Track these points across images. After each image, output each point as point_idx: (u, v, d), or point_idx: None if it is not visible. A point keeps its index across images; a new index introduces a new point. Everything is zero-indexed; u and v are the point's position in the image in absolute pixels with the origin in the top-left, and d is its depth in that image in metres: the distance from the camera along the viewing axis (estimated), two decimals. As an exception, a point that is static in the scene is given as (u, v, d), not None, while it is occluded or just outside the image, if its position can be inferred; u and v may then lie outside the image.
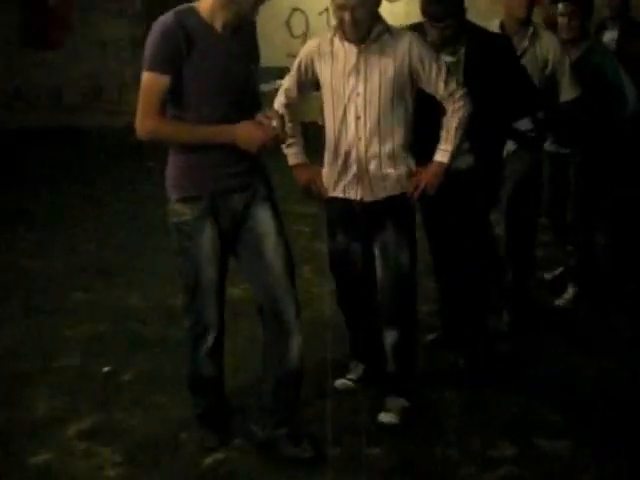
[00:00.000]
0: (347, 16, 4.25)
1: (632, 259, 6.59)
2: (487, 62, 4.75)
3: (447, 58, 4.70)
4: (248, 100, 4.07)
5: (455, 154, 4.54)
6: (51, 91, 13.21)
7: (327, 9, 11.87)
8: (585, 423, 4.61)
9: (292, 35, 12.05)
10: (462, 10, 4.78)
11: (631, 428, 4.55)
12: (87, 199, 9.17)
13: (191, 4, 3.94)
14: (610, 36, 6.00)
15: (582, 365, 5.25)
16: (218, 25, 3.91)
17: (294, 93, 4.67)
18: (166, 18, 3.85)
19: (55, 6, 13.32)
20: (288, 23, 12.22)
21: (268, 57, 6.99)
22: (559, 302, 6.18)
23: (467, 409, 4.77)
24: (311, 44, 4.61)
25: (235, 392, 4.76)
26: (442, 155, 4.53)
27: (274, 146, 4.01)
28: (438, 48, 4.67)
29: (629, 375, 5.11)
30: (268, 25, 11.83)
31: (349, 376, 5.00)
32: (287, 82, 4.68)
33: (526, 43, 5.36)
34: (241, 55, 4.01)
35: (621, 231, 6.47)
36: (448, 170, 4.55)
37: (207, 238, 4.07)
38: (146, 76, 3.87)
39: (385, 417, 4.64)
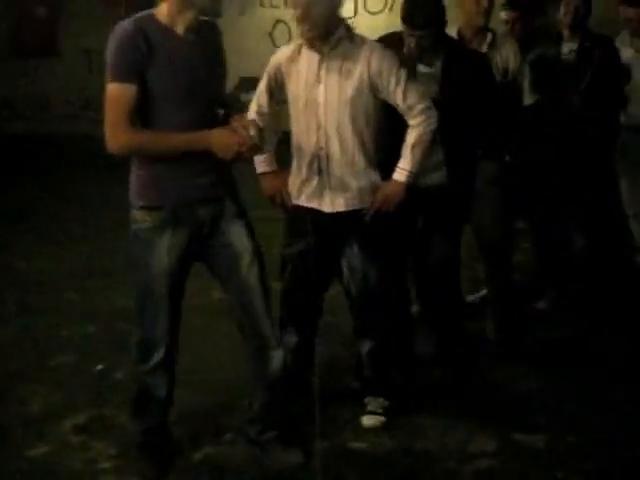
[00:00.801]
0: (299, 12, 4.12)
1: (606, 262, 6.63)
2: (463, 77, 4.63)
3: (424, 69, 4.64)
4: (217, 106, 3.92)
5: (415, 172, 4.37)
6: (38, 99, 13.16)
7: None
8: (561, 418, 4.66)
9: (275, 46, 12.06)
10: (442, 20, 4.65)
11: (605, 423, 4.60)
12: (76, 203, 9.17)
13: (150, 10, 3.74)
14: (569, 47, 6.03)
15: (558, 364, 5.31)
16: (180, 29, 3.71)
17: (265, 101, 4.55)
18: (125, 25, 3.64)
19: (43, 16, 13.28)
20: (271, 34, 12.21)
21: (251, 68, 7.03)
22: (539, 305, 6.18)
23: (447, 405, 4.81)
24: (280, 52, 4.48)
25: (218, 388, 4.85)
26: (399, 174, 4.37)
27: (250, 156, 3.84)
28: (416, 58, 4.59)
29: (604, 373, 5.15)
30: (252, 36, 11.88)
31: None
32: (259, 89, 4.58)
33: (484, 49, 5.29)
34: (206, 59, 3.82)
35: (595, 234, 6.49)
36: (410, 188, 4.39)
37: (163, 249, 3.85)
38: (111, 87, 3.64)
39: (368, 420, 4.62)
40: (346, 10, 12.92)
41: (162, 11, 3.71)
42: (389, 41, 4.70)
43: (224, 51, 4.02)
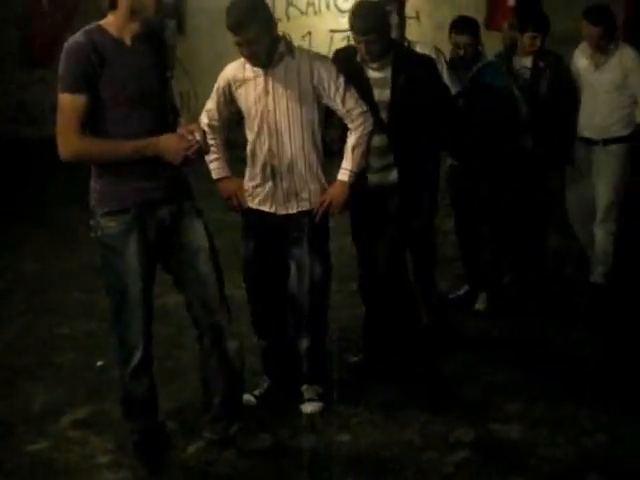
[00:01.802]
0: (244, 50, 4.31)
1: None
2: (413, 79, 4.72)
3: (376, 74, 4.74)
4: (167, 110, 3.99)
5: (356, 172, 4.53)
6: (52, 105, 13.16)
7: (309, 33, 11.99)
8: (532, 409, 4.69)
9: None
10: (385, 26, 4.75)
11: (572, 413, 4.65)
12: (82, 205, 9.17)
13: (98, 22, 3.79)
14: (521, 64, 6.03)
15: (529, 360, 5.34)
16: (127, 39, 3.77)
17: (215, 114, 4.65)
18: (76, 38, 3.70)
19: (56, 25, 13.28)
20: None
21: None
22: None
23: (428, 398, 4.84)
24: (227, 69, 4.58)
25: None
26: (343, 174, 4.55)
27: (197, 158, 3.88)
28: (367, 63, 4.72)
29: (571, 368, 5.20)
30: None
31: (254, 392, 4.81)
32: (208, 104, 4.67)
33: None
34: (154, 66, 3.87)
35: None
36: (355, 187, 4.55)
37: (133, 251, 3.86)
38: (62, 98, 3.72)
39: (307, 407, 4.65)
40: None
41: (110, 22, 3.77)
42: (346, 54, 4.86)
43: (172, 58, 4.08)
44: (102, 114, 3.75)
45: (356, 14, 4.71)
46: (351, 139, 4.51)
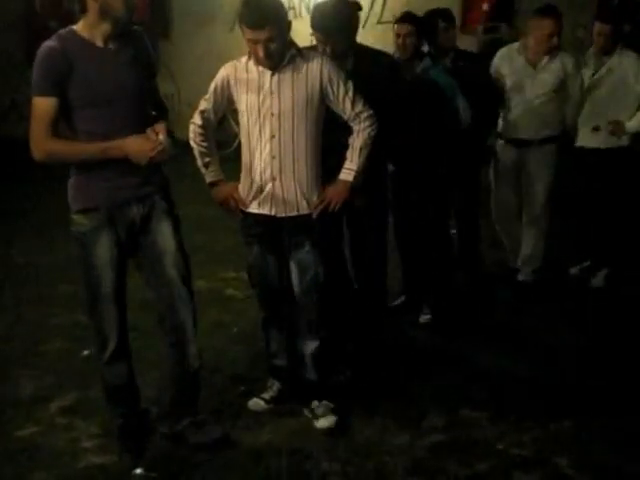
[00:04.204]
0: (260, 50, 4.02)
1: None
2: (373, 77, 4.51)
3: None
4: (147, 108, 3.90)
5: (360, 173, 4.30)
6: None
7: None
8: (501, 397, 4.70)
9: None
10: (350, 27, 4.61)
11: (538, 401, 4.68)
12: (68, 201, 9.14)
13: (72, 26, 3.72)
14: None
15: (500, 350, 5.37)
16: (99, 41, 3.69)
17: (210, 115, 4.38)
18: (48, 43, 3.63)
19: (55, 27, 13.24)
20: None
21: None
22: (423, 319, 5.77)
23: (401, 386, 4.84)
24: (227, 68, 4.29)
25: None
26: (347, 174, 4.29)
27: (162, 159, 3.76)
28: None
29: (537, 356, 5.26)
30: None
31: (263, 395, 4.67)
32: (203, 104, 4.38)
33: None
34: (129, 65, 3.76)
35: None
36: (353, 188, 4.33)
37: (103, 248, 3.80)
38: (35, 100, 3.66)
39: (322, 423, 4.43)
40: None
41: (82, 25, 3.71)
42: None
43: (153, 56, 3.99)
44: (74, 114, 3.69)
45: (320, 13, 4.56)
46: (359, 140, 4.26)
